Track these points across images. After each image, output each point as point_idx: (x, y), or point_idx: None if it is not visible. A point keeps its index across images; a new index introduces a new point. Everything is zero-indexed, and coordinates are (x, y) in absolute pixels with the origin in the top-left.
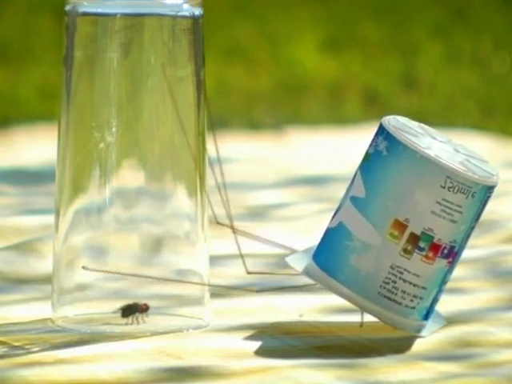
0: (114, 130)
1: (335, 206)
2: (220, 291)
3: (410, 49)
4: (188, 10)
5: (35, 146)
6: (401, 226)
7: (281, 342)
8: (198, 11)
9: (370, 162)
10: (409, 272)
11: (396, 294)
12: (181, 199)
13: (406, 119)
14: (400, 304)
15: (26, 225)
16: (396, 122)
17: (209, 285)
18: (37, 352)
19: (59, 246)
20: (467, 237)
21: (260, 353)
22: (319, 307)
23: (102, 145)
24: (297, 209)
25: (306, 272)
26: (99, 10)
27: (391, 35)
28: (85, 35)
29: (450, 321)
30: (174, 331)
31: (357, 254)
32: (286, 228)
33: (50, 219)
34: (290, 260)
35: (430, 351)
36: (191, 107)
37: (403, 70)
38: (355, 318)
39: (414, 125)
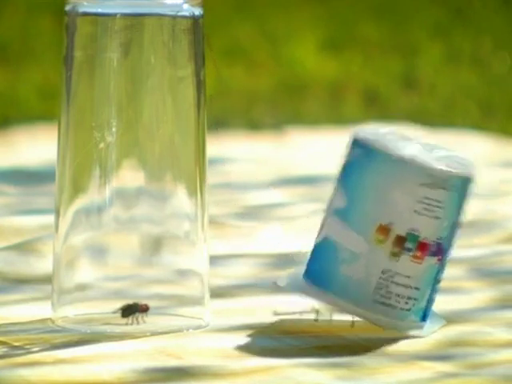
0: (113, 129)
1: None
2: (220, 291)
3: (410, 49)
4: (188, 9)
5: (35, 146)
6: (385, 229)
7: (281, 342)
8: (198, 11)
9: (346, 173)
10: (400, 274)
11: (390, 298)
12: (181, 199)
13: (377, 127)
14: (395, 308)
15: (26, 225)
16: (367, 131)
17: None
18: (37, 352)
19: (59, 246)
20: (453, 232)
21: (260, 353)
22: (319, 307)
23: (101, 145)
24: (296, 209)
25: (300, 291)
26: (99, 10)
27: (391, 35)
28: (85, 35)
29: (448, 321)
30: (174, 331)
31: (346, 264)
32: (286, 228)
33: (50, 219)
34: (281, 282)
35: (428, 351)
36: (191, 107)
37: (403, 70)
38: (355, 317)
39: (386, 130)
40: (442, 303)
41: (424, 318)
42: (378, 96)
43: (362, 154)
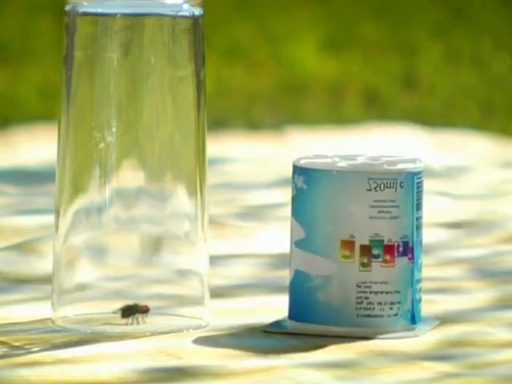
0: (113, 129)
1: None
2: (220, 291)
3: (410, 49)
4: (188, 9)
5: (35, 146)
6: (348, 244)
7: (281, 342)
8: (198, 11)
9: (296, 203)
10: (375, 283)
11: (373, 308)
12: (181, 199)
13: (319, 154)
14: (382, 316)
15: (26, 225)
16: (306, 159)
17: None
18: (37, 352)
19: (59, 246)
20: (418, 228)
21: (260, 353)
22: None
23: (102, 145)
24: None
25: (286, 331)
26: (99, 10)
27: (391, 35)
28: (85, 35)
29: (448, 321)
30: (174, 331)
31: (321, 290)
32: (286, 228)
33: (50, 219)
34: (269, 329)
35: (429, 351)
36: (191, 107)
37: (403, 70)
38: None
39: (328, 155)
40: (442, 303)
41: (413, 319)
42: (378, 96)
43: (305, 180)
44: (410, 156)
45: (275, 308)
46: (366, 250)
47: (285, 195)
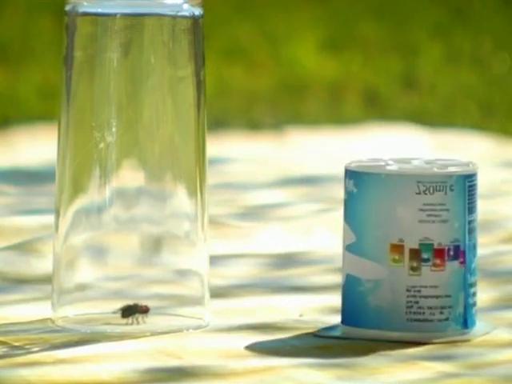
0: (113, 130)
1: (334, 206)
2: (220, 291)
3: (410, 49)
4: (188, 9)
5: (35, 146)
6: (398, 248)
7: (281, 342)
8: (198, 11)
9: (347, 207)
10: (425, 287)
11: (423, 313)
12: (181, 199)
13: (373, 157)
14: (432, 321)
15: (26, 225)
16: (358, 162)
17: None
18: (37, 352)
19: (59, 246)
20: (470, 232)
21: (260, 353)
22: (319, 307)
23: (102, 145)
24: (296, 209)
25: (339, 335)
26: (99, 10)
27: (391, 35)
28: (85, 35)
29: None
30: (174, 331)
31: (372, 294)
32: (286, 228)
33: (50, 219)
34: (321, 333)
35: (429, 351)
36: (191, 107)
37: (403, 70)
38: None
39: (382, 159)
40: None
41: (466, 324)
42: (378, 96)
43: (355, 183)
44: (464, 159)
45: (275, 308)
46: (415, 254)
47: (285, 195)
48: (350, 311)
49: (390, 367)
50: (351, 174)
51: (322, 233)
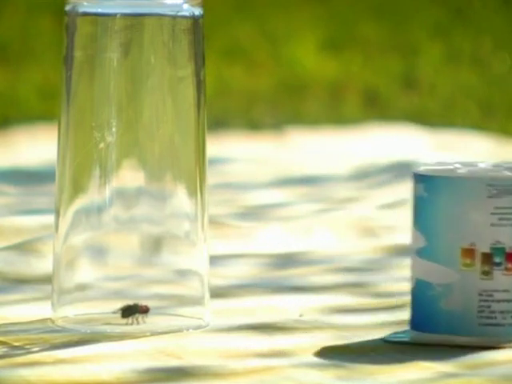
0: (113, 129)
1: (334, 206)
2: (220, 291)
3: (410, 49)
4: (188, 10)
5: (35, 146)
6: (469, 252)
7: (281, 342)
8: (198, 11)
9: (417, 211)
10: (497, 291)
11: (495, 317)
12: (181, 199)
13: (440, 161)
14: (503, 325)
15: (26, 225)
16: (426, 166)
17: None
18: (37, 352)
19: (59, 246)
20: None
21: (260, 353)
22: (319, 307)
23: (102, 145)
24: (296, 209)
25: (412, 341)
26: (99, 10)
27: (391, 35)
28: (85, 35)
29: None
30: (174, 331)
31: (443, 298)
32: (285, 228)
33: (50, 219)
34: (390, 339)
35: (429, 351)
36: (191, 107)
37: (403, 69)
38: (355, 318)
39: (449, 162)
40: None
41: None
42: (378, 96)
43: (425, 187)
44: None
45: (275, 308)
46: (487, 258)
47: (285, 195)
48: (420, 316)
49: (390, 367)
50: (421, 178)
51: (322, 233)
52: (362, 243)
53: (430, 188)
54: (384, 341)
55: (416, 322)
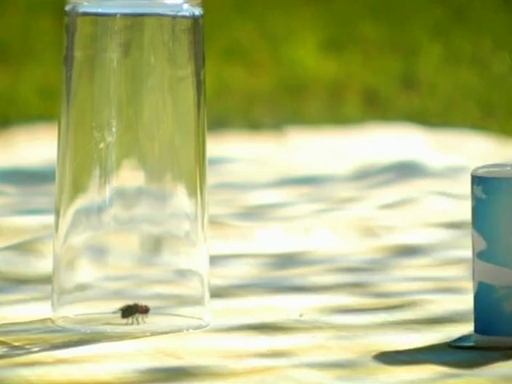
0: (113, 130)
1: (334, 206)
2: (220, 291)
3: (410, 49)
4: (188, 10)
5: (35, 146)
6: None
7: (281, 342)
8: (198, 11)
9: (476, 214)
10: None
11: None
12: (181, 199)
13: (497, 163)
14: None
15: (26, 225)
16: (484, 168)
17: None
18: (37, 352)
19: (59, 246)
20: None
21: (260, 353)
22: (319, 307)
23: (102, 145)
24: (296, 209)
25: (477, 345)
26: (99, 10)
27: (391, 35)
28: (85, 35)
29: (449, 321)
30: (174, 331)
31: (507, 300)
32: (285, 228)
33: (50, 219)
34: (456, 344)
35: (429, 351)
36: (191, 107)
37: (403, 70)
38: (355, 318)
39: (506, 163)
40: (443, 303)
41: None
42: (378, 96)
43: (484, 189)
44: None
45: (275, 308)
46: None
47: (285, 195)
48: (484, 319)
49: (390, 367)
50: (479, 180)
51: (322, 233)
52: (362, 243)
53: (489, 190)
54: (449, 346)
55: (480, 326)
